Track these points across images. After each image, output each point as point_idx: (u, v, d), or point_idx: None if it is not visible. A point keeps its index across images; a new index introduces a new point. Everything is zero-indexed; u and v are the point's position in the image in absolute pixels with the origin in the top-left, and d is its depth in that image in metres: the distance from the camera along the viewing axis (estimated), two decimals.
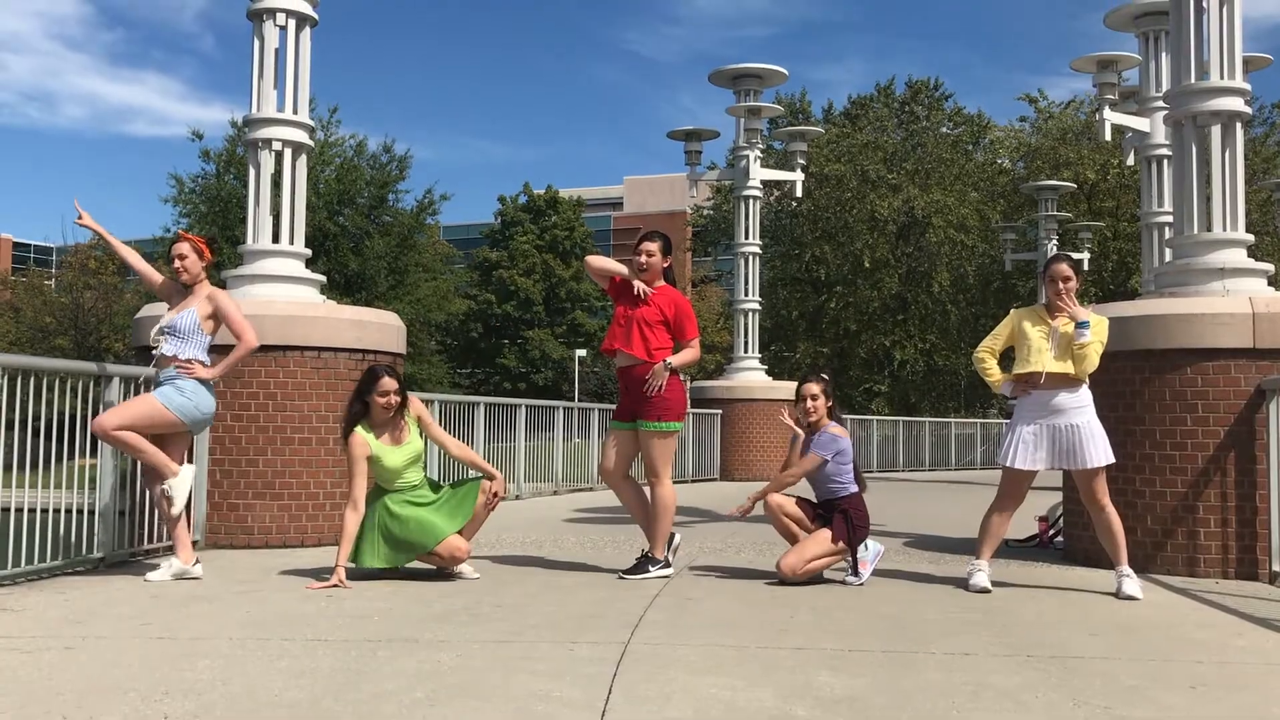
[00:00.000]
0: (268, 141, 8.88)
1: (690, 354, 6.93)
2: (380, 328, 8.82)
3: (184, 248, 6.96)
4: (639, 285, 6.86)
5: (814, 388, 6.92)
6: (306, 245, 9.12)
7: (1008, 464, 6.57)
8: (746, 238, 20.54)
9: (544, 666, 4.41)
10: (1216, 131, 7.94)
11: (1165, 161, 13.66)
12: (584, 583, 6.67)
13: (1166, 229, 13.38)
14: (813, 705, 3.90)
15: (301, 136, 9.01)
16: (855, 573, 6.80)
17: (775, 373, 26.30)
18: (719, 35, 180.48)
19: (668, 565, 6.91)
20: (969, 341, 42.10)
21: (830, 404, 6.94)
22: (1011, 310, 6.90)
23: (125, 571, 6.92)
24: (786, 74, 20.33)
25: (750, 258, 20.69)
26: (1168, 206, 13.30)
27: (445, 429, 12.61)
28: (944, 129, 43.51)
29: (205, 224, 41.35)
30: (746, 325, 20.64)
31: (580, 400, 41.74)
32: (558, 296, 62.17)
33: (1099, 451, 6.39)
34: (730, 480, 19.53)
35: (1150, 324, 7.50)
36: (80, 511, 7.01)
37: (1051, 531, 8.99)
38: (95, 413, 6.92)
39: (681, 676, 4.28)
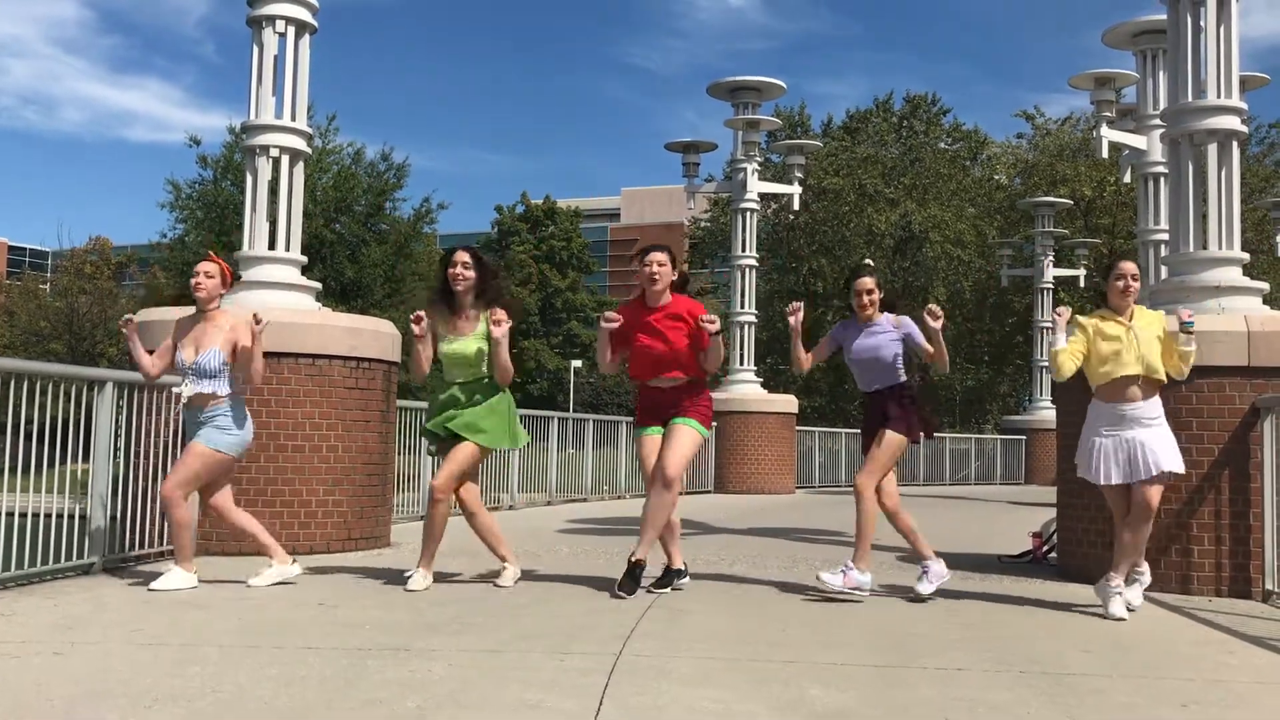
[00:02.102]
0: (265, 148, 8.88)
1: (715, 354, 6.65)
2: (375, 335, 8.81)
3: (211, 268, 6.73)
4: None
5: (868, 282, 6.74)
6: (303, 252, 9.12)
7: (1101, 482, 6.34)
8: (743, 250, 20.56)
9: (535, 676, 4.39)
10: (1213, 150, 7.96)
11: (1162, 179, 13.70)
12: (577, 593, 6.65)
13: (1162, 246, 13.41)
14: (805, 718, 3.88)
15: (299, 143, 9.01)
16: (925, 577, 6.70)
17: (771, 385, 26.28)
18: (720, 48, 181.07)
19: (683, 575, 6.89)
20: (964, 357, 42.19)
21: (882, 296, 6.76)
22: (1077, 318, 6.59)
23: (117, 577, 6.89)
24: (785, 87, 20.37)
25: (747, 270, 20.71)
26: (1164, 224, 13.33)
27: None
28: (942, 144, 43.61)
29: (202, 230, 41.30)
30: (743, 338, 20.64)
31: (575, 411, 41.71)
32: (554, 307, 62.22)
33: (1170, 458, 6.19)
34: (725, 493, 19.50)
35: None
36: (72, 516, 7.00)
37: (1045, 547, 8.98)
38: (89, 418, 6.91)
39: (673, 688, 4.27)
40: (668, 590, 6.67)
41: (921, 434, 6.85)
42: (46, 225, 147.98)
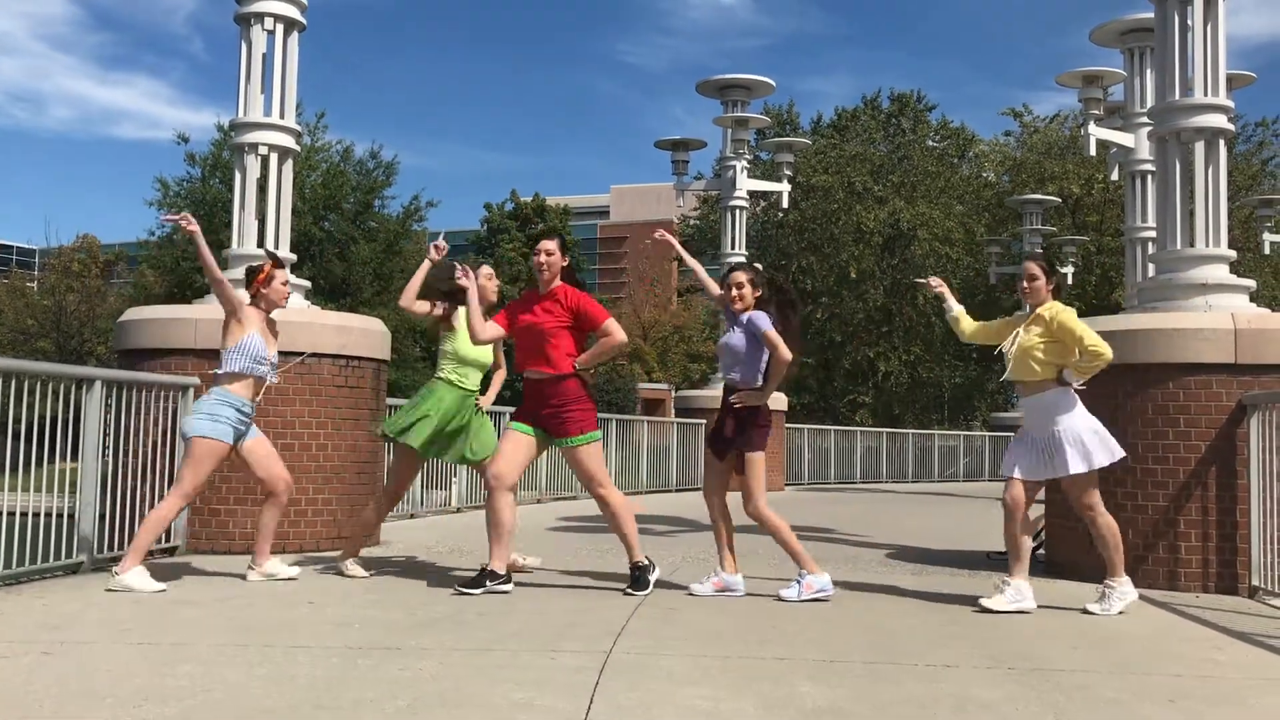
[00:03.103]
0: (254, 146, 8.86)
1: (611, 341, 6.65)
2: (364, 333, 8.80)
3: (289, 275, 7.11)
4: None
5: (739, 276, 6.70)
6: (292, 250, 9.10)
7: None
8: (733, 248, 20.56)
9: (526, 675, 4.40)
10: (1200, 148, 8.00)
11: (1149, 177, 13.74)
12: (567, 592, 6.66)
13: (1150, 244, 13.46)
14: (795, 716, 3.90)
15: (288, 141, 8.99)
16: (796, 584, 6.59)
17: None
18: (709, 46, 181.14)
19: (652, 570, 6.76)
20: (953, 354, 42.23)
21: (759, 295, 6.69)
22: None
23: (105, 576, 6.87)
24: (774, 85, 20.37)
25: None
26: (1151, 222, 13.37)
27: None
28: (930, 142, 43.67)
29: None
30: None
31: None
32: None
33: (1077, 458, 6.28)
34: None
35: (1133, 338, 7.53)
36: (61, 515, 6.97)
37: (1034, 544, 9.00)
38: (77, 416, 6.89)
39: (663, 686, 4.28)
40: (478, 592, 6.36)
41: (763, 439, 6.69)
42: (34, 223, 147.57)
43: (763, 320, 6.53)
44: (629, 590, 6.55)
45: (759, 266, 7.05)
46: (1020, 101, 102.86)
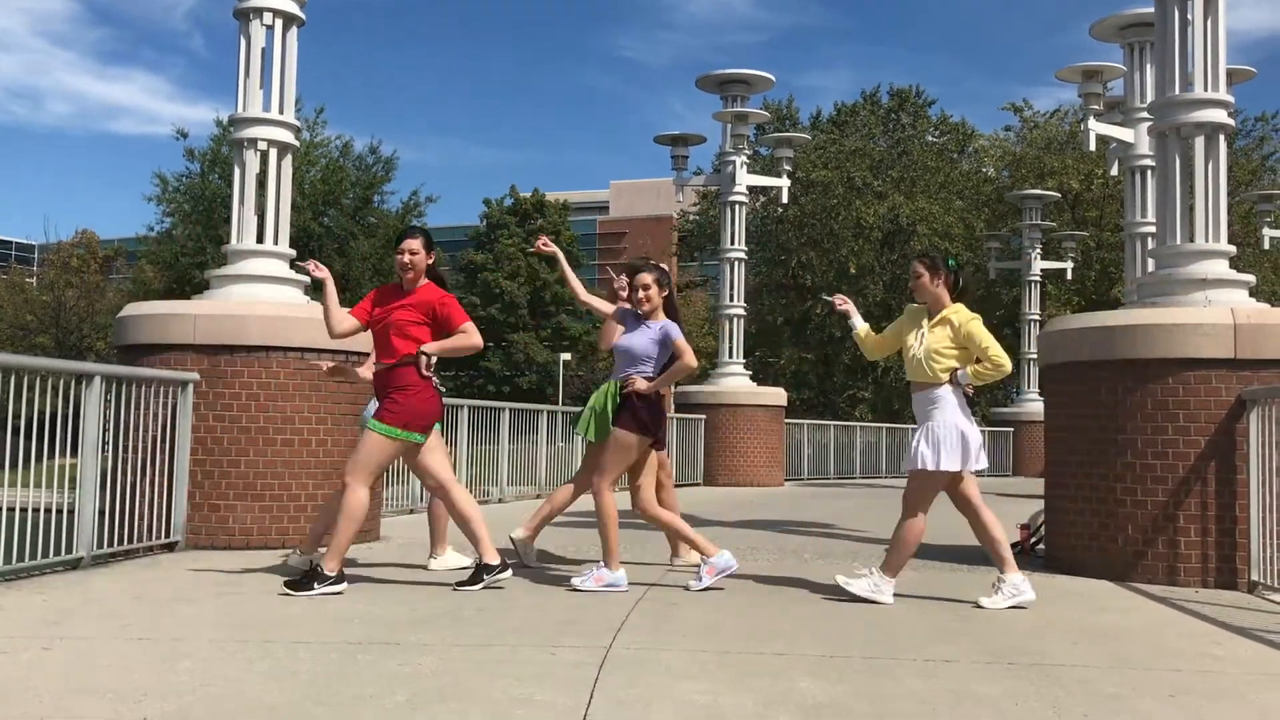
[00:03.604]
0: (253, 141, 8.85)
1: (466, 340, 6.48)
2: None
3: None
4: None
5: (647, 277, 6.69)
6: (291, 246, 9.09)
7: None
8: (732, 243, 20.56)
9: (525, 670, 4.40)
10: (1200, 143, 7.99)
11: (1149, 172, 13.74)
12: (566, 587, 6.65)
13: (1149, 239, 13.46)
14: (794, 711, 3.90)
15: (287, 136, 8.98)
16: (698, 577, 6.58)
17: (760, 378, 26.31)
18: (709, 41, 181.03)
19: (339, 582, 6.24)
20: None
21: (667, 295, 6.70)
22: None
23: (105, 571, 6.88)
24: (774, 80, 20.36)
25: (736, 263, 20.71)
26: (1151, 217, 13.37)
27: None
28: (929, 137, 43.64)
29: (189, 223, 41.18)
30: (731, 331, 20.64)
31: (564, 404, 41.69)
32: (543, 300, 62.11)
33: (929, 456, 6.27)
34: (714, 486, 19.52)
35: (1132, 334, 7.53)
36: (60, 511, 6.98)
37: (1033, 539, 9.02)
38: (77, 412, 6.89)
39: (663, 681, 4.28)
40: (477, 588, 6.34)
41: (654, 433, 6.65)
42: (33, 219, 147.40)
43: (676, 331, 6.67)
44: (283, 588, 6.19)
45: (664, 266, 6.96)
46: (1020, 96, 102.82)
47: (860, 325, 6.98)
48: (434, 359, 6.40)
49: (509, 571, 6.52)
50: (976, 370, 6.31)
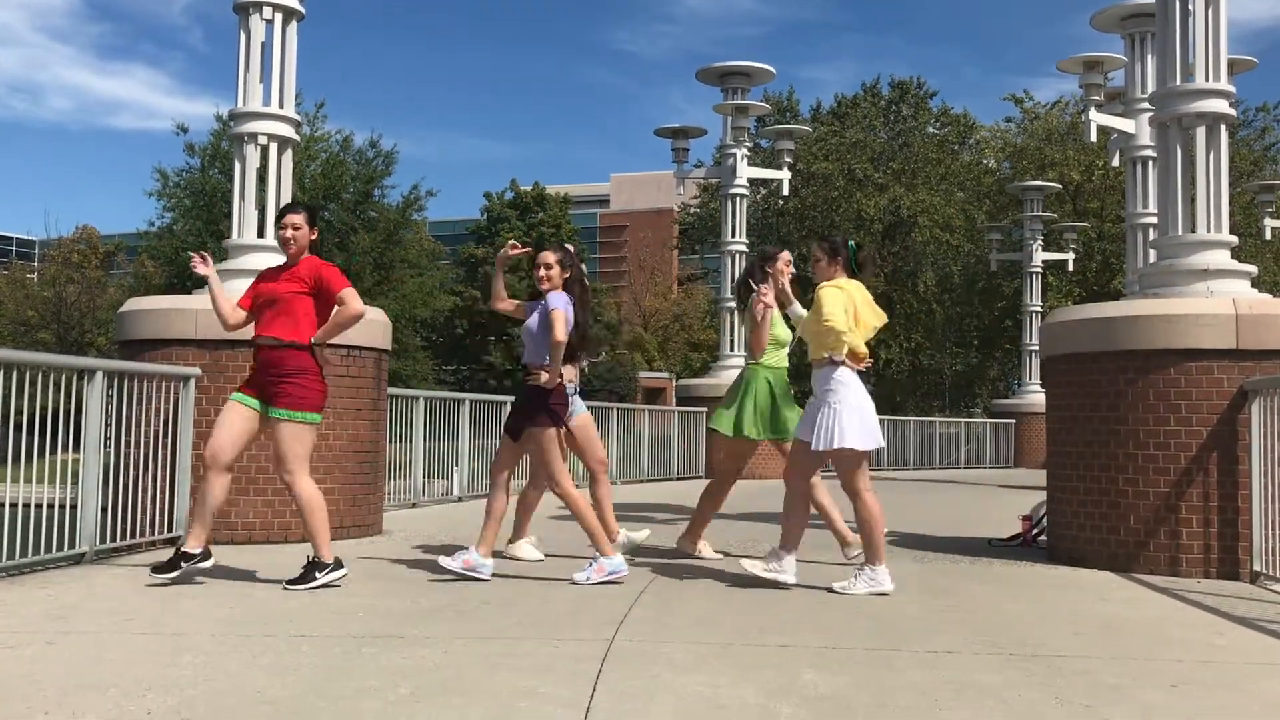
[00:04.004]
0: (253, 135, 8.85)
1: (347, 311, 6.40)
2: (365, 324, 8.75)
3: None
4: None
5: (549, 256, 6.68)
6: None
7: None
8: (733, 236, 20.53)
9: (528, 663, 4.41)
10: (1201, 133, 7.97)
11: (1150, 163, 13.72)
12: (569, 579, 6.66)
13: (1151, 230, 13.45)
14: (797, 703, 3.90)
15: (287, 131, 8.97)
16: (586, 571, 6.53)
17: None
18: (709, 34, 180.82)
19: (338, 568, 6.27)
20: (954, 341, 42.24)
21: (568, 276, 6.67)
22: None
23: (108, 566, 6.89)
24: (774, 72, 20.32)
25: (737, 256, 20.66)
26: (1152, 208, 13.36)
27: (430, 426, 12.60)
28: (930, 129, 43.59)
29: (190, 218, 41.15)
30: (733, 323, 20.62)
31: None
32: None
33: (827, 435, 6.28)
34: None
35: (1134, 325, 7.53)
36: (63, 506, 6.98)
37: (1035, 530, 9.02)
38: (79, 408, 6.89)
39: (665, 674, 4.28)
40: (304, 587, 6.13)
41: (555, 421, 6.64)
42: (34, 214, 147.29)
43: (554, 299, 6.55)
44: (287, 585, 6.14)
45: (570, 248, 6.91)
46: (1021, 88, 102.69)
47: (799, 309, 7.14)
48: (323, 349, 6.51)
49: (343, 570, 6.29)
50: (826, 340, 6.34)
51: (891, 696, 4.05)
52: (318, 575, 6.17)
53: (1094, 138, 14.01)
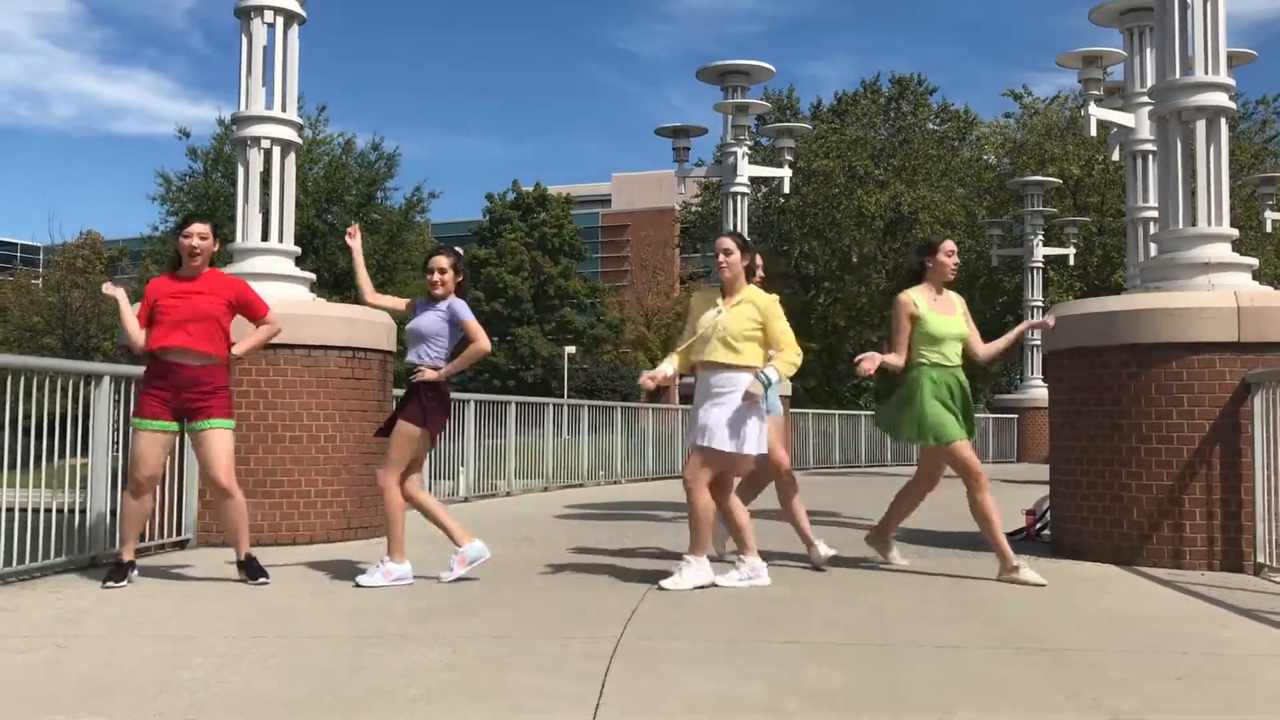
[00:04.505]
0: (256, 139, 8.88)
1: (266, 331, 6.70)
2: (370, 326, 8.83)
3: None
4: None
5: (443, 260, 6.60)
6: (295, 243, 9.11)
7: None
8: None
9: (537, 662, 4.43)
10: (1201, 127, 7.99)
11: (1150, 157, 13.72)
12: (576, 579, 6.69)
13: (1152, 224, 13.44)
14: (804, 699, 3.93)
15: (290, 134, 9.00)
16: (450, 568, 6.46)
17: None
18: (708, 32, 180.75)
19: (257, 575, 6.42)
20: None
21: (460, 280, 6.63)
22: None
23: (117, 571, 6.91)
24: (774, 70, 20.29)
25: None
26: (1153, 201, 13.35)
27: None
28: (930, 125, 43.59)
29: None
30: None
31: (570, 397, 41.72)
32: (546, 294, 62.11)
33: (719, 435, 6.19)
34: None
35: (1136, 318, 7.54)
36: (72, 511, 7.01)
37: (1038, 525, 9.04)
38: (86, 412, 6.92)
39: (674, 671, 4.31)
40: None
41: (434, 428, 6.54)
42: (38, 220, 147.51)
43: (465, 309, 6.55)
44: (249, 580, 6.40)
45: (459, 251, 6.88)
46: (1020, 83, 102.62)
47: (668, 367, 6.65)
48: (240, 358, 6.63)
49: (131, 576, 6.34)
50: (780, 367, 6.28)
51: (899, 691, 4.07)
52: (261, 579, 6.39)
53: (1094, 132, 14.00)
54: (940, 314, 6.98)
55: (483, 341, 6.50)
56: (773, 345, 6.38)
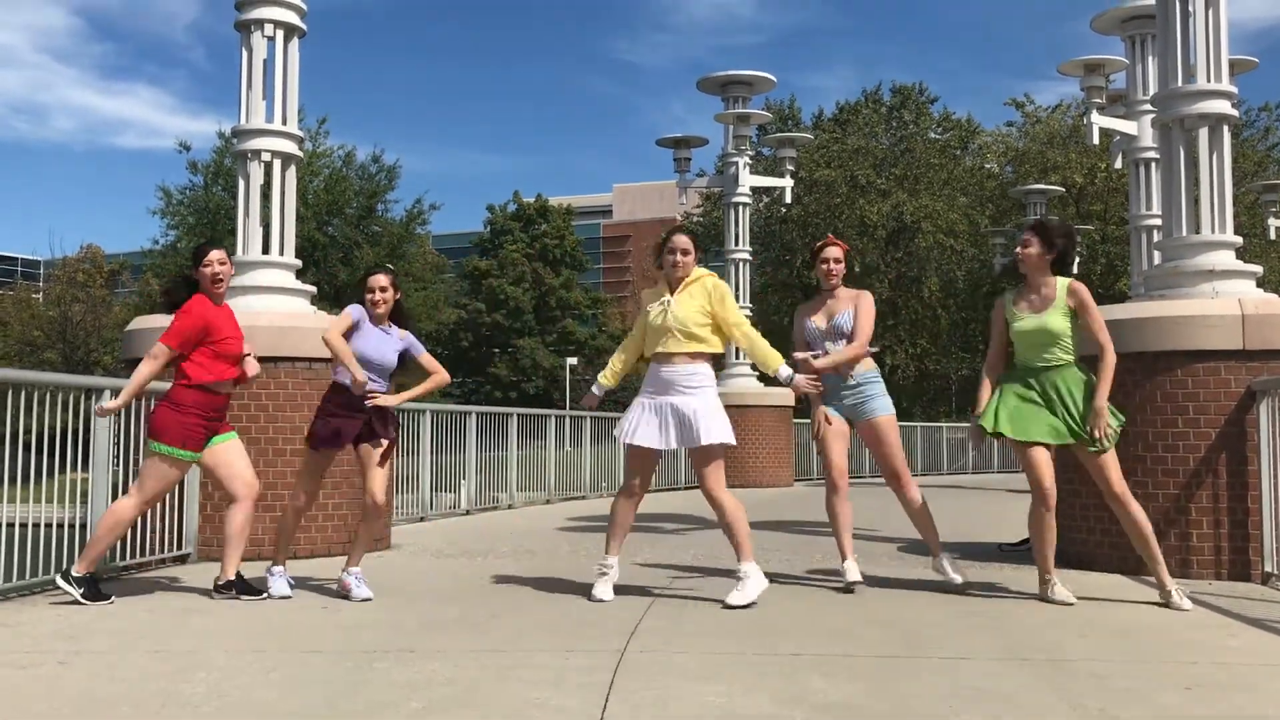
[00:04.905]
0: (257, 152, 8.87)
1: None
2: None
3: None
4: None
5: (384, 279, 6.58)
6: (296, 256, 9.11)
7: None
8: (736, 244, 20.56)
9: (540, 675, 4.40)
10: (1204, 134, 7.97)
11: (1153, 164, 13.71)
12: (578, 591, 6.65)
13: (1155, 232, 13.43)
14: (809, 711, 3.90)
15: (290, 147, 9.00)
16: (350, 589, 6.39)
17: (767, 379, 26.25)
18: (709, 43, 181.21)
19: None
20: (960, 346, 42.18)
21: (399, 297, 6.65)
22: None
23: (118, 585, 6.88)
24: (775, 81, 20.37)
25: (740, 264, 20.71)
26: (1156, 209, 13.35)
27: (437, 439, 12.61)
28: (932, 134, 43.63)
29: (194, 236, 41.26)
30: None
31: (572, 409, 41.70)
32: (548, 305, 62.16)
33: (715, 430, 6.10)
34: None
35: (1141, 326, 7.52)
36: (73, 526, 6.99)
37: None
38: (87, 426, 6.90)
39: (678, 683, 4.28)
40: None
41: (320, 443, 6.53)
42: (38, 234, 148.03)
43: (419, 346, 6.72)
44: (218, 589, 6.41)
45: (391, 268, 6.85)
46: (1021, 91, 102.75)
47: (606, 380, 6.72)
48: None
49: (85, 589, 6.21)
50: (770, 359, 6.31)
51: (905, 703, 4.04)
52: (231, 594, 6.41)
53: (1096, 140, 14.02)
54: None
55: (444, 374, 6.75)
56: (732, 333, 6.23)
